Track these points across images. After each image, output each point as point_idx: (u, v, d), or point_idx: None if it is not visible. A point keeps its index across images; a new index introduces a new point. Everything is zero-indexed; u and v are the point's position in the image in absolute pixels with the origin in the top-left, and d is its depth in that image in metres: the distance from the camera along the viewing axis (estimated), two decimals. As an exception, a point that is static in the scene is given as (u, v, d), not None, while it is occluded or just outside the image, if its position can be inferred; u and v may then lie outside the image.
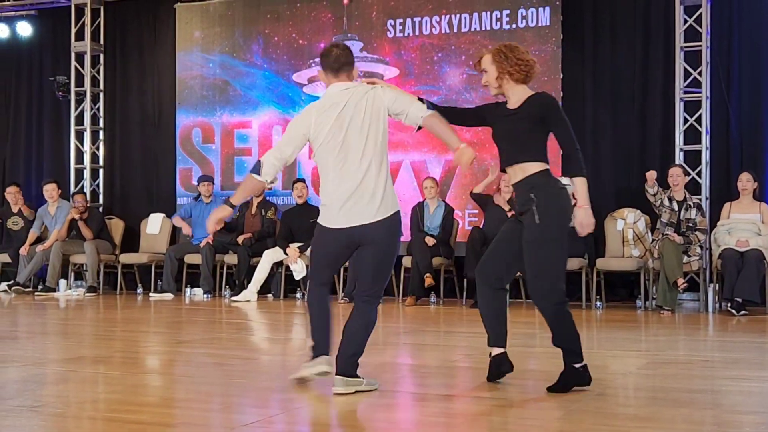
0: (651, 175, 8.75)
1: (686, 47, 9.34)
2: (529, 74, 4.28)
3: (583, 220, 4.21)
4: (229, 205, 4.27)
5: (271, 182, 4.32)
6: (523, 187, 4.25)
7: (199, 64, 11.60)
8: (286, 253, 9.95)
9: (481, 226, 9.44)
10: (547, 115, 4.26)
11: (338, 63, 4.24)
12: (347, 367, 4.06)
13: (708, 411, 3.81)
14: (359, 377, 4.11)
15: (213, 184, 11.05)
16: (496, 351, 4.39)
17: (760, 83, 9.46)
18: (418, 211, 9.86)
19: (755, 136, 9.46)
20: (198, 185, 11.04)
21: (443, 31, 10.44)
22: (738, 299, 8.18)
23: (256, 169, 4.24)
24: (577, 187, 4.23)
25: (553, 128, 4.28)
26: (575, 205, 4.28)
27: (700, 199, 9.12)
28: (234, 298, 10.01)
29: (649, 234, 9.19)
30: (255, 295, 9.95)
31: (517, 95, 4.28)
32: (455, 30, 10.38)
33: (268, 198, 10.80)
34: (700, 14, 9.27)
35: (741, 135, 9.49)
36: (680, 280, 8.39)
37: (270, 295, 10.37)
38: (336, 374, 4.06)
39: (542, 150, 4.30)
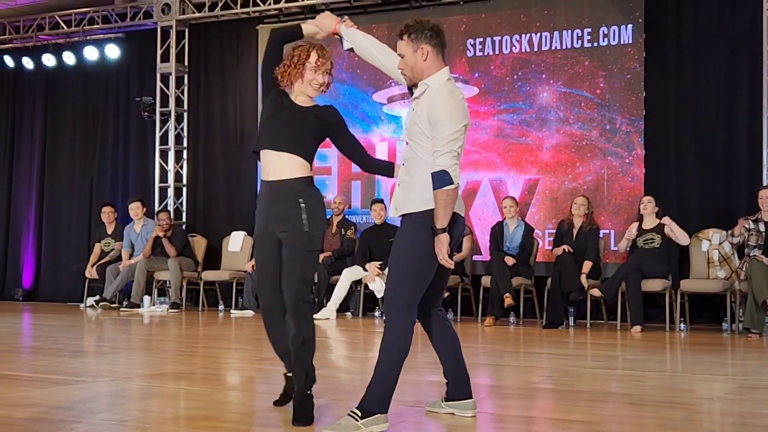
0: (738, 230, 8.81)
1: (773, 63, 9.13)
2: None
3: None
4: (441, 232, 3.67)
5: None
6: None
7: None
8: (365, 270, 10.02)
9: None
10: None
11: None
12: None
13: (799, 439, 3.71)
14: None
15: (292, 203, 11.14)
16: None
17: None
18: (498, 230, 9.81)
19: None
20: (278, 204, 11.15)
21: (524, 50, 10.39)
22: (831, 323, 7.96)
23: (446, 180, 3.63)
24: None
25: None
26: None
27: (789, 219, 8.88)
28: (314, 316, 10.07)
29: (735, 255, 8.99)
30: (334, 313, 10.02)
31: None
32: (536, 49, 10.33)
33: (347, 217, 10.88)
34: (789, 30, 9.07)
35: (833, 153, 9.22)
36: (770, 302, 8.18)
37: (349, 313, 10.44)
38: (470, 398, 4.06)
39: None
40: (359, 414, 3.62)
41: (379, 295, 9.90)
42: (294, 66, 4.11)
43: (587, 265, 9.25)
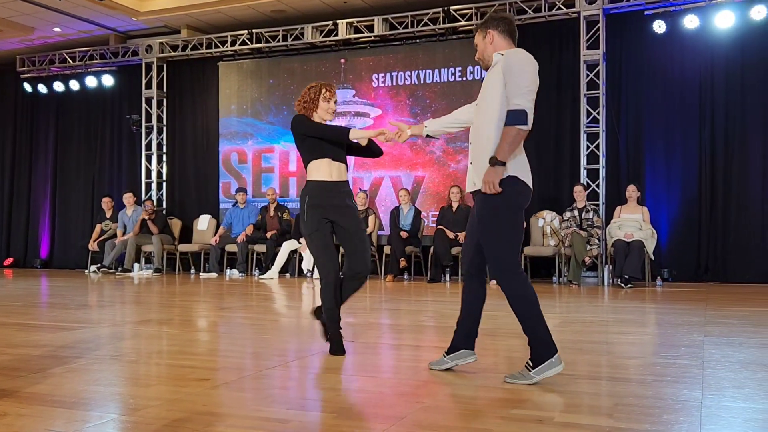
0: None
1: (588, 94, 9.37)
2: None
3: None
4: (501, 164, 2.91)
5: None
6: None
7: (235, 109, 11.56)
8: (299, 243, 9.94)
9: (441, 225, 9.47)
10: None
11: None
12: None
13: (604, 357, 3.82)
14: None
15: (246, 193, 11.01)
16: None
17: (640, 120, 9.52)
18: (395, 213, 9.85)
19: (638, 158, 9.51)
20: (235, 194, 10.99)
21: (413, 83, 10.43)
22: (625, 276, 8.23)
23: (522, 119, 2.89)
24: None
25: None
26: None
27: (597, 204, 9.17)
28: (261, 277, 9.97)
29: (561, 230, 9.24)
30: (276, 275, 9.92)
31: None
32: (422, 81, 10.38)
33: (281, 203, 10.79)
34: (598, 70, 9.31)
35: (627, 157, 9.54)
36: (587, 258, 8.54)
37: (287, 274, 10.35)
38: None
39: None
40: (531, 365, 3.08)
41: (310, 266, 9.83)
42: (311, 101, 3.88)
43: (463, 235, 9.34)
